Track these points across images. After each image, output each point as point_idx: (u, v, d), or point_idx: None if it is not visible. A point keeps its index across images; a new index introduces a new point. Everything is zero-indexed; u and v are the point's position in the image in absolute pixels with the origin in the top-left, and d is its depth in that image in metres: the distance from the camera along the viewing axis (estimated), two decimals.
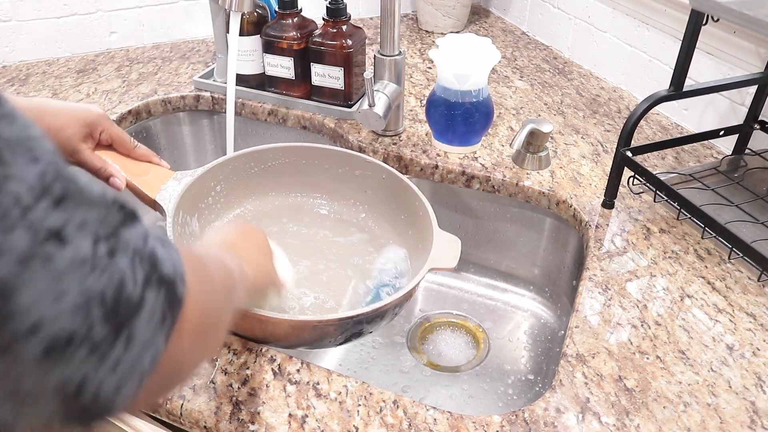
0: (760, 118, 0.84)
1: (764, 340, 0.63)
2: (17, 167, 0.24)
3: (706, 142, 0.94)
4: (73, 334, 0.25)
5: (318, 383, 0.58)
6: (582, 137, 0.98)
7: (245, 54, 1.03)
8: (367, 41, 1.05)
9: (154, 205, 0.71)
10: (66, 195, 0.25)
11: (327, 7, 0.96)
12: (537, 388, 0.83)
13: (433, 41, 1.32)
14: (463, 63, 0.86)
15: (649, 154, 0.90)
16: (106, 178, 0.71)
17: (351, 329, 0.61)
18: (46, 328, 0.24)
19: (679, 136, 0.93)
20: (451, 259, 0.66)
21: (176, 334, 0.30)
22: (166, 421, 0.58)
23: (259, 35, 1.01)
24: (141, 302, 0.27)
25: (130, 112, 1.03)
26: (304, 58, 1.00)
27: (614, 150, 0.79)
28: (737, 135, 0.87)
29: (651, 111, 0.79)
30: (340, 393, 0.57)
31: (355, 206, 0.83)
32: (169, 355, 0.30)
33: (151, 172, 0.74)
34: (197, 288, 0.32)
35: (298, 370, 0.60)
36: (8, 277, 0.23)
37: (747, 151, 0.88)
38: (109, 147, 0.73)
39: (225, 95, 1.07)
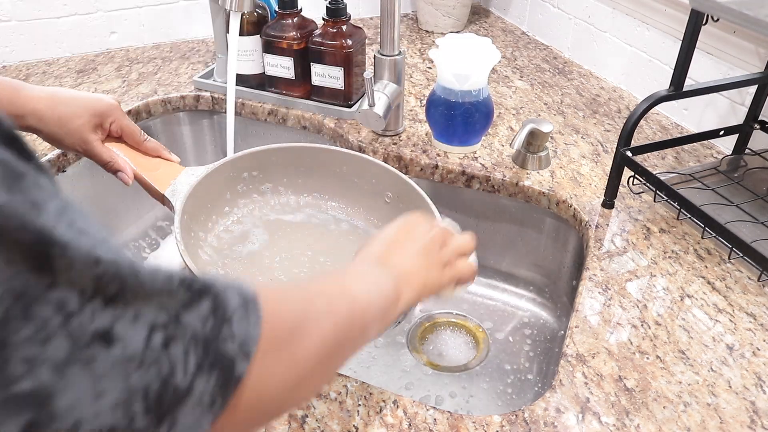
0: (760, 117, 0.84)
1: (764, 340, 0.63)
2: (69, 272, 0.23)
3: (706, 142, 0.94)
4: (113, 428, 0.24)
5: None
6: (582, 137, 0.98)
7: (245, 54, 1.03)
8: (367, 41, 1.05)
9: (163, 199, 0.70)
10: (121, 292, 0.25)
11: (327, 7, 0.96)
12: (537, 388, 0.83)
13: (433, 41, 1.32)
14: (463, 63, 0.86)
15: (649, 154, 0.90)
16: (114, 172, 0.70)
17: None
18: (86, 426, 0.24)
19: (679, 136, 0.93)
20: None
21: (231, 409, 0.29)
22: None
23: (259, 35, 1.01)
24: (189, 390, 0.27)
25: (130, 112, 1.02)
26: (304, 58, 1.00)
27: (614, 150, 0.79)
28: (737, 135, 0.87)
29: (651, 111, 0.79)
30: (340, 393, 0.57)
31: (360, 208, 0.82)
32: (225, 422, 0.29)
33: (162, 167, 0.73)
34: (273, 355, 0.31)
35: None
36: (45, 385, 0.22)
37: (747, 150, 0.88)
38: (120, 138, 0.72)
39: (225, 95, 1.07)
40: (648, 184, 0.79)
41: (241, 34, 1.01)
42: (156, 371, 0.25)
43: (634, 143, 0.79)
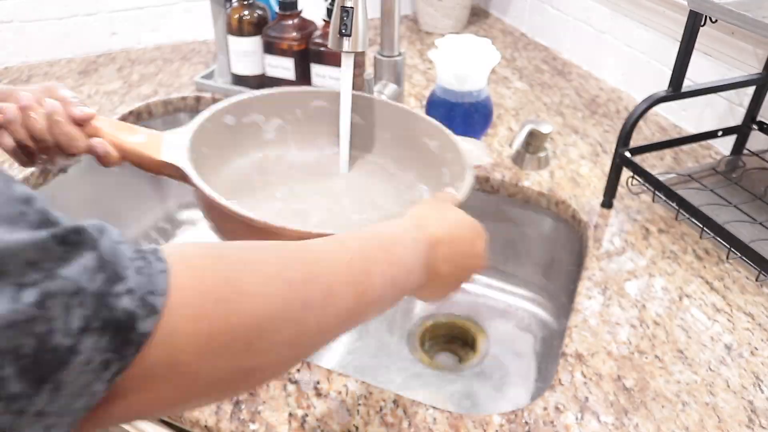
0: (758, 118, 0.85)
1: (762, 340, 0.63)
2: None
3: (704, 142, 0.94)
4: None
5: (318, 382, 0.59)
6: (581, 138, 0.98)
7: (246, 55, 1.03)
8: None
9: (163, 168, 0.61)
10: None
11: (327, 8, 0.97)
12: (536, 388, 0.84)
13: (433, 42, 1.33)
14: (463, 64, 0.87)
15: (647, 154, 0.91)
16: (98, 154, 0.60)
17: None
18: None
19: (677, 136, 0.94)
20: (483, 156, 0.64)
21: (138, 376, 0.27)
22: (167, 420, 0.58)
23: (259, 36, 1.01)
24: (72, 350, 0.25)
25: (131, 113, 1.03)
26: (305, 59, 1.00)
27: (613, 150, 0.80)
28: (735, 135, 0.87)
29: (650, 111, 0.79)
30: (340, 392, 0.58)
31: (368, 150, 0.75)
32: (133, 392, 0.28)
33: (142, 133, 0.62)
34: (196, 314, 0.29)
35: (298, 370, 0.60)
36: None
37: (745, 151, 0.88)
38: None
39: (226, 96, 1.07)
40: (647, 185, 0.80)
41: (241, 35, 1.01)
42: (29, 331, 0.23)
43: (632, 144, 0.79)
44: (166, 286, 0.28)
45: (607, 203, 0.82)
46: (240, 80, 1.06)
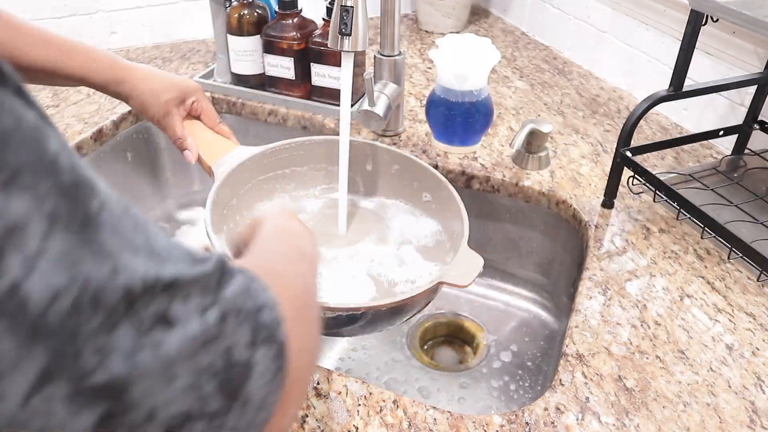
0: (760, 118, 0.84)
1: (763, 340, 0.63)
2: (126, 259, 0.23)
3: (705, 142, 0.94)
4: (188, 412, 0.24)
5: (318, 383, 0.58)
6: (582, 137, 0.98)
7: (245, 54, 1.03)
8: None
9: (211, 172, 0.74)
10: (175, 280, 0.24)
11: (327, 7, 0.96)
12: (537, 388, 0.84)
13: (433, 41, 1.33)
14: (463, 63, 0.86)
15: (648, 154, 0.90)
16: (181, 149, 0.75)
17: (341, 324, 0.62)
18: (162, 413, 0.24)
19: (678, 136, 0.93)
20: (466, 276, 0.64)
21: (286, 380, 0.28)
22: None
23: (259, 35, 1.01)
24: (250, 363, 0.26)
25: (130, 112, 1.03)
26: (305, 59, 1.00)
27: (614, 150, 0.79)
28: (737, 135, 0.87)
29: (650, 111, 0.79)
30: (340, 393, 0.58)
31: (395, 204, 0.83)
32: (285, 397, 0.29)
33: (218, 144, 0.77)
34: (292, 313, 0.31)
35: None
36: (119, 374, 0.22)
37: (746, 151, 0.88)
38: (197, 118, 0.78)
39: (225, 95, 1.07)
40: (648, 184, 0.79)
41: (240, 34, 1.01)
42: (216, 347, 0.25)
43: (633, 143, 0.79)
44: (275, 300, 0.29)
45: (608, 203, 0.82)
46: (239, 80, 1.06)
